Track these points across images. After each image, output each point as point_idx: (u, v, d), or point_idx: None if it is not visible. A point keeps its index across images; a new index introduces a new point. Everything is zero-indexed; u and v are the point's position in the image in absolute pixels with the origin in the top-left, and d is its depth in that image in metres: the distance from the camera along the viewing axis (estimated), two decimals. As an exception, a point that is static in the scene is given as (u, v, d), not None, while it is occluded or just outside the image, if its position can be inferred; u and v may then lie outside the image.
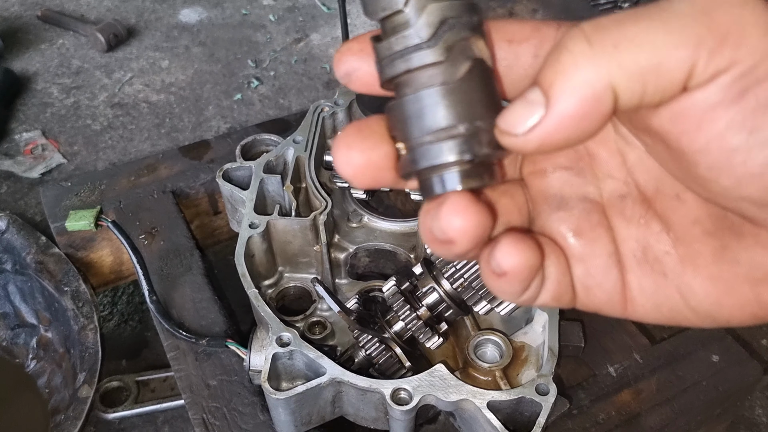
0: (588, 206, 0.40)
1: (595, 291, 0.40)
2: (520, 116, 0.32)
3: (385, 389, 0.75)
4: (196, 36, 1.69)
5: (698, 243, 0.37)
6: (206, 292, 0.99)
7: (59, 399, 1.02)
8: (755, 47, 0.29)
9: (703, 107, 0.31)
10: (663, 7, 0.30)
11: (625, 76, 0.30)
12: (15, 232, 1.08)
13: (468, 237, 0.34)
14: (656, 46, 0.29)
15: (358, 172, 0.36)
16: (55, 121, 1.44)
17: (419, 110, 0.35)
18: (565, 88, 0.31)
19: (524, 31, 0.37)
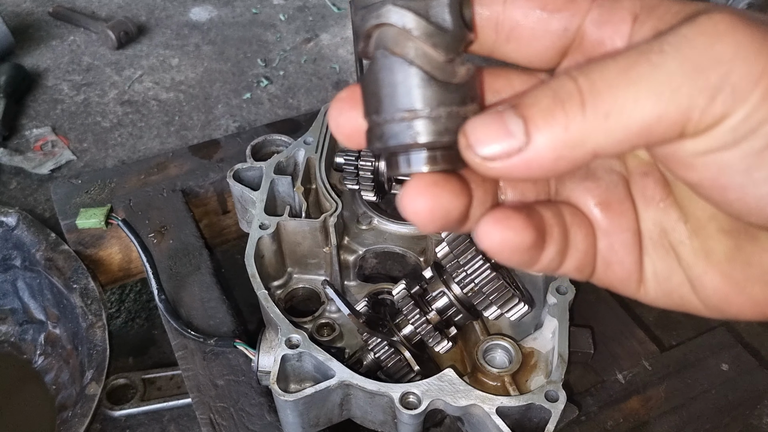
0: (615, 179, 0.39)
1: (615, 267, 0.39)
2: (492, 138, 0.32)
3: (394, 393, 0.75)
4: (206, 34, 1.70)
5: (713, 239, 0.37)
6: (215, 291, 0.99)
7: (66, 396, 1.03)
8: (745, 101, 0.29)
9: (694, 153, 0.31)
10: (655, 63, 0.30)
11: (612, 142, 0.30)
12: (25, 228, 1.08)
13: (425, 218, 0.33)
14: (647, 112, 0.29)
15: (346, 136, 0.37)
16: (65, 117, 1.44)
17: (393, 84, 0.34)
18: (548, 141, 0.30)
19: (557, 1, 0.36)
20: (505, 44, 0.37)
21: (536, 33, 0.36)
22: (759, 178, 0.30)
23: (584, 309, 0.97)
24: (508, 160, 0.31)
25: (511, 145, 0.31)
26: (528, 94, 0.32)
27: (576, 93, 0.30)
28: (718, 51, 0.29)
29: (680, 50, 0.29)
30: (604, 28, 0.35)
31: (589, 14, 0.35)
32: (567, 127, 0.30)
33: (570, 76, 0.31)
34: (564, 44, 0.36)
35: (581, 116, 0.30)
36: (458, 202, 0.34)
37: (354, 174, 0.95)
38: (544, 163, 0.31)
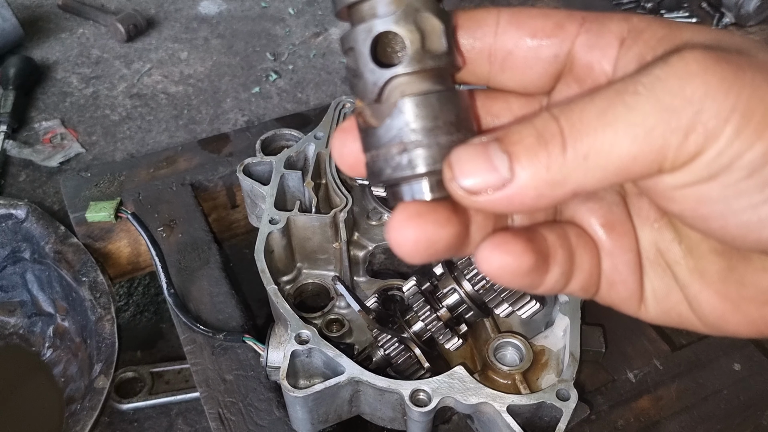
0: (616, 199, 0.40)
1: (618, 287, 0.40)
2: (475, 171, 0.32)
3: (404, 390, 0.74)
4: (215, 28, 1.69)
5: (706, 260, 0.37)
6: (223, 286, 0.99)
7: (74, 388, 1.03)
8: (717, 138, 0.30)
9: (673, 187, 0.32)
10: (630, 105, 0.31)
11: (591, 181, 0.31)
12: (34, 221, 1.08)
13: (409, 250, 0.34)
14: (623, 153, 0.30)
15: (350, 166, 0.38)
16: (74, 110, 1.44)
17: (364, 134, 0.36)
18: (530, 180, 0.31)
19: (547, 27, 0.37)
20: (500, 74, 0.38)
21: (528, 61, 0.37)
22: (738, 208, 0.31)
23: (595, 307, 0.95)
24: (490, 194, 0.32)
25: (495, 180, 0.32)
26: (513, 130, 0.33)
27: (558, 134, 0.31)
28: (689, 92, 0.30)
29: (653, 92, 0.30)
30: (593, 53, 0.36)
31: (578, 39, 0.36)
32: (549, 167, 0.31)
33: (553, 116, 0.32)
34: (556, 69, 0.37)
35: (562, 157, 0.31)
36: (444, 232, 0.34)
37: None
38: (525, 200, 0.32)
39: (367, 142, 0.36)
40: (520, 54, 0.37)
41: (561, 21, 0.37)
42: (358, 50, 0.35)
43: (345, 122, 0.38)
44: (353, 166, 0.38)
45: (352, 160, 0.37)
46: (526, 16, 0.37)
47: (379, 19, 0.34)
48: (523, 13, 0.37)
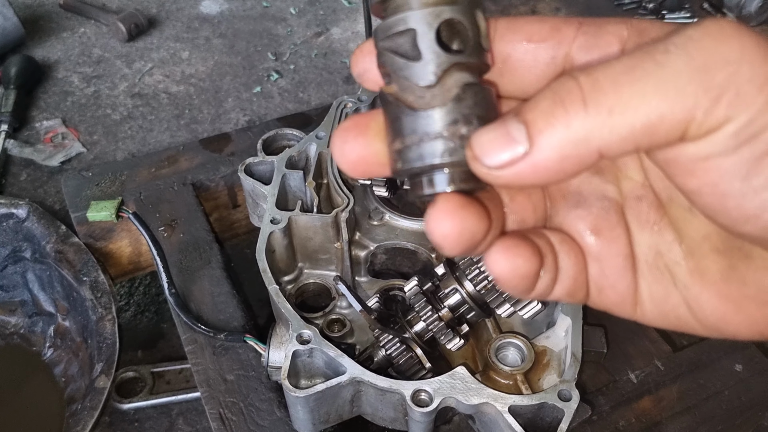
0: (607, 205, 0.40)
1: (607, 291, 0.40)
2: (496, 147, 0.32)
3: (405, 390, 0.74)
4: (217, 27, 1.69)
5: (707, 259, 0.37)
6: (225, 286, 0.99)
7: (75, 388, 1.03)
8: (750, 104, 0.29)
9: (695, 158, 0.31)
10: (660, 62, 0.30)
11: (617, 139, 0.30)
12: (35, 220, 1.08)
13: (453, 241, 0.34)
14: (651, 110, 0.29)
15: (351, 165, 0.37)
16: (75, 109, 1.44)
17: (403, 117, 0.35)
18: (551, 142, 0.31)
19: (543, 31, 0.37)
20: (498, 78, 0.38)
21: (526, 64, 0.37)
22: (758, 185, 0.30)
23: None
24: (514, 166, 0.31)
25: (516, 151, 0.31)
26: (531, 100, 0.32)
27: (577, 90, 0.30)
28: (725, 52, 0.29)
29: (686, 50, 0.29)
30: (592, 53, 0.36)
31: (576, 41, 0.36)
32: (569, 124, 0.30)
33: (571, 76, 0.31)
34: (555, 72, 0.37)
35: (584, 112, 0.30)
36: (483, 224, 0.35)
37: (366, 169, 0.94)
38: (551, 165, 0.31)
39: (407, 127, 0.35)
40: (517, 57, 0.37)
41: (557, 24, 0.37)
42: (420, 32, 0.34)
43: (345, 121, 0.38)
44: (355, 164, 0.37)
45: (354, 158, 0.37)
46: (522, 22, 0.37)
47: (447, 6, 0.34)
48: (519, 20, 0.37)
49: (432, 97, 0.35)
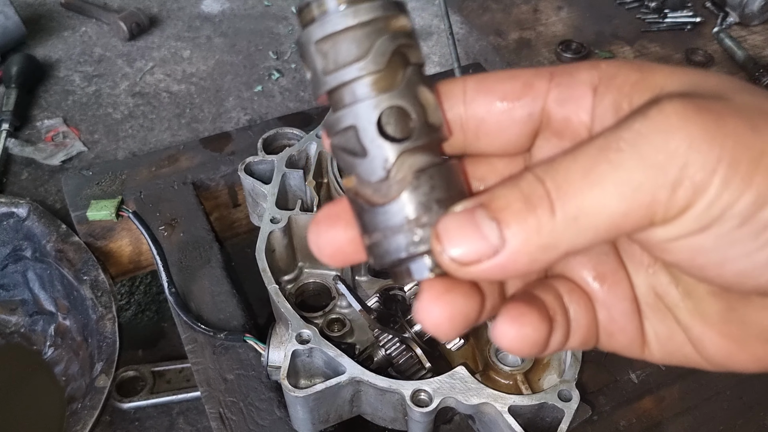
0: (605, 248, 0.39)
1: (617, 336, 0.39)
2: (465, 242, 0.32)
3: (405, 390, 0.74)
4: (218, 26, 1.69)
5: (705, 302, 0.37)
6: (225, 285, 0.99)
7: (76, 387, 1.03)
8: (705, 190, 0.30)
9: (665, 239, 0.32)
10: (614, 162, 0.30)
11: (583, 241, 0.31)
12: (36, 219, 1.08)
13: (447, 328, 0.34)
14: (613, 211, 0.30)
15: (329, 257, 0.37)
16: (76, 108, 1.44)
17: (365, 214, 0.35)
18: (522, 246, 0.31)
19: (516, 89, 0.36)
20: (475, 141, 0.38)
21: (502, 125, 0.37)
22: (733, 256, 0.31)
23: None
24: (482, 264, 0.31)
25: (486, 248, 0.31)
26: (498, 194, 0.32)
27: (545, 197, 0.31)
28: (672, 146, 0.30)
29: (636, 147, 0.30)
30: (567, 106, 0.36)
31: (550, 95, 0.36)
32: (539, 230, 0.31)
33: (538, 178, 0.32)
34: (532, 128, 0.37)
35: (552, 220, 0.31)
36: (474, 302, 0.34)
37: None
38: (519, 266, 0.31)
39: (370, 223, 0.35)
40: (492, 120, 0.37)
41: (529, 80, 0.36)
42: (362, 127, 0.34)
43: (317, 214, 0.38)
44: (332, 256, 0.37)
45: (330, 250, 0.37)
46: (492, 80, 0.37)
47: (383, 94, 0.33)
48: (489, 78, 0.37)
49: (387, 189, 0.34)
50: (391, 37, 0.34)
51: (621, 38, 1.63)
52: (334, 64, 0.33)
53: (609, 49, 1.60)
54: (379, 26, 0.33)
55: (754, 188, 0.30)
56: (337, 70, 0.33)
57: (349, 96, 0.34)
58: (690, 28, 1.64)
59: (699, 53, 1.58)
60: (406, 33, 0.34)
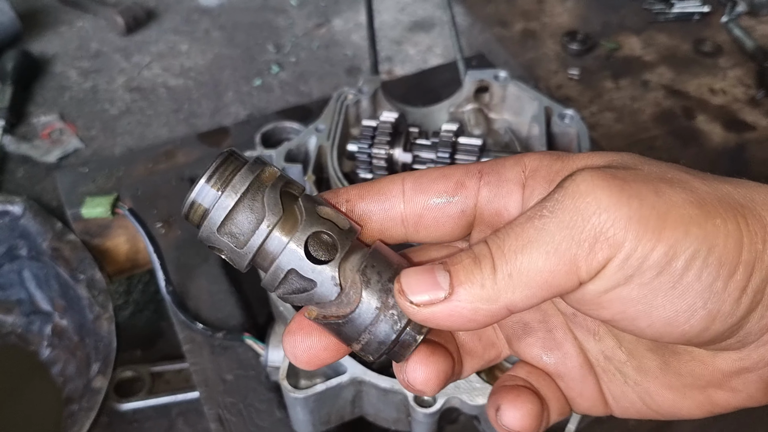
0: (550, 326, 0.44)
1: (578, 400, 0.44)
2: (422, 287, 0.37)
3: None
4: (216, 20, 1.66)
5: (645, 358, 0.42)
6: (223, 284, 0.97)
7: (73, 388, 1.01)
8: (620, 243, 0.34)
9: (598, 294, 0.36)
10: (538, 227, 0.35)
11: (520, 297, 0.35)
12: (31, 217, 1.06)
13: (431, 385, 0.40)
14: (540, 269, 0.35)
15: (306, 363, 0.42)
16: (72, 104, 1.42)
17: (341, 328, 0.39)
18: (467, 295, 0.36)
19: (449, 189, 0.41)
20: (415, 234, 0.42)
21: (439, 220, 0.41)
22: (658, 305, 0.35)
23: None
24: (433, 307, 0.36)
25: (438, 294, 0.36)
26: (456, 256, 0.37)
27: (489, 256, 0.36)
28: (584, 209, 0.34)
29: (555, 213, 0.35)
30: (497, 202, 0.41)
31: (480, 193, 0.41)
32: (483, 284, 0.36)
33: (485, 242, 0.37)
34: (466, 222, 0.42)
35: (493, 276, 0.36)
36: (450, 363, 0.41)
37: (367, 162, 0.92)
38: (465, 313, 0.36)
39: (352, 332, 0.39)
40: (429, 216, 0.41)
41: (461, 179, 0.41)
42: (299, 267, 0.38)
43: (289, 325, 0.42)
44: (309, 362, 0.41)
45: (308, 357, 0.41)
46: (427, 180, 0.41)
47: (296, 232, 0.38)
48: (424, 178, 0.41)
49: (348, 298, 0.38)
50: (272, 187, 0.38)
51: (628, 28, 1.60)
52: (243, 236, 0.37)
53: (615, 39, 1.57)
54: (257, 185, 0.37)
55: (664, 241, 0.33)
56: (248, 240, 0.37)
57: (271, 252, 0.38)
58: (698, 17, 1.61)
59: (707, 43, 1.55)
60: (279, 176, 0.39)
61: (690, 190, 0.35)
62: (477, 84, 1.04)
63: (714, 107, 1.43)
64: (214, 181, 0.37)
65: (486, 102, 1.06)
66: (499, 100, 1.05)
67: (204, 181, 0.37)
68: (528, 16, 1.65)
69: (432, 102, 1.08)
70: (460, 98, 1.05)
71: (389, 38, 1.62)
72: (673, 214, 0.34)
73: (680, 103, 1.44)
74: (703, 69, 1.51)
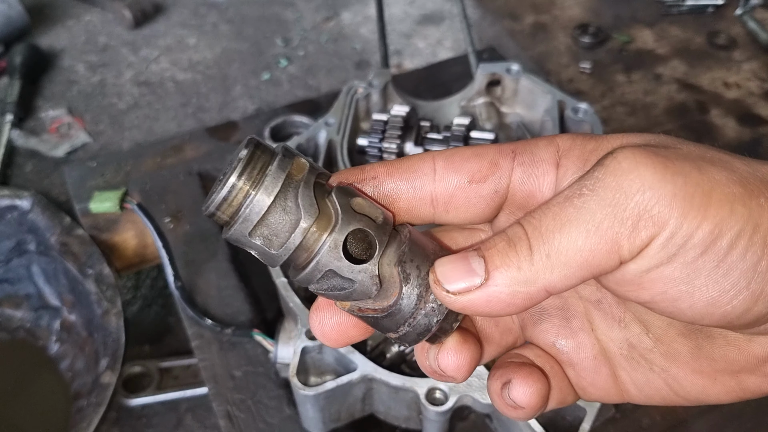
0: (568, 314, 0.44)
1: (589, 389, 0.44)
2: (457, 275, 0.36)
3: (419, 388, 0.71)
4: (224, 13, 1.65)
5: (676, 343, 0.41)
6: (232, 279, 0.96)
7: (81, 383, 1.00)
8: (665, 221, 0.33)
9: (639, 273, 0.35)
10: (578, 206, 0.34)
11: (558, 277, 0.35)
12: (39, 212, 1.05)
13: (463, 372, 0.40)
14: (580, 249, 0.34)
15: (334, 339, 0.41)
16: (80, 99, 1.41)
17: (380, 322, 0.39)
18: (504, 279, 0.35)
19: (483, 170, 0.40)
20: (444, 215, 0.41)
21: (470, 200, 0.40)
22: (701, 285, 0.34)
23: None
24: (470, 294, 0.36)
25: (473, 281, 0.36)
26: (489, 240, 0.37)
27: (524, 238, 0.35)
28: (627, 186, 0.33)
29: (596, 191, 0.34)
30: (530, 182, 0.40)
31: (514, 173, 0.40)
32: (519, 267, 0.35)
33: (519, 224, 0.36)
34: (498, 203, 0.41)
35: (529, 257, 0.35)
36: (479, 350, 0.41)
37: (378, 157, 0.91)
38: (503, 298, 0.35)
39: (390, 324, 0.38)
40: (461, 195, 0.40)
41: (494, 159, 0.40)
42: (337, 267, 0.36)
43: (315, 303, 0.41)
44: (338, 339, 0.41)
45: (336, 334, 0.40)
46: (460, 158, 0.40)
47: (332, 233, 0.36)
48: (456, 156, 0.40)
49: (386, 293, 0.37)
50: (305, 184, 0.36)
51: (640, 21, 1.58)
52: (277, 238, 0.36)
53: (628, 32, 1.55)
54: (288, 182, 0.35)
55: (710, 219, 0.33)
56: (284, 243, 0.36)
57: (307, 252, 0.36)
58: (712, 10, 1.58)
59: (721, 36, 1.52)
60: (309, 169, 0.36)
61: (731, 170, 0.34)
62: (489, 77, 1.03)
63: (728, 101, 1.41)
64: (245, 180, 0.35)
65: (498, 95, 1.05)
66: (511, 94, 1.04)
67: (234, 179, 0.35)
68: (539, 9, 1.63)
69: (442, 96, 1.06)
70: (471, 92, 1.04)
71: (398, 31, 1.60)
72: (718, 193, 0.33)
73: (694, 97, 1.42)
74: (716, 62, 1.49)
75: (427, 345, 0.41)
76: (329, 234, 0.36)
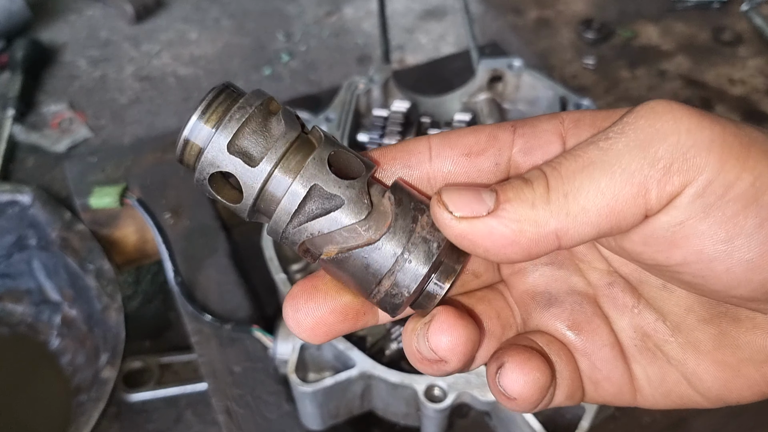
0: (578, 298, 0.40)
1: (603, 384, 0.39)
2: (464, 201, 0.33)
3: (418, 385, 0.71)
4: (226, 7, 1.65)
5: (696, 330, 0.37)
6: (231, 274, 0.96)
7: (82, 378, 1.00)
8: (702, 166, 0.30)
9: (671, 227, 0.31)
10: (603, 148, 0.31)
11: (574, 223, 0.31)
12: (40, 207, 1.05)
13: (458, 354, 0.35)
14: (602, 191, 0.31)
15: (309, 331, 0.36)
16: (82, 93, 1.41)
17: (370, 258, 0.34)
18: (514, 214, 0.32)
19: (480, 143, 0.37)
20: None
21: (470, 176, 0.37)
22: (741, 245, 0.30)
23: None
24: (473, 222, 0.32)
25: (480, 209, 0.32)
26: (505, 182, 0.34)
27: (542, 177, 0.32)
28: (661, 127, 0.30)
29: (624, 133, 0.31)
30: (534, 154, 0.37)
31: (515, 146, 0.37)
32: (533, 203, 0.32)
33: (537, 167, 0.33)
34: (500, 177, 0.38)
35: (546, 194, 0.32)
36: (477, 330, 0.36)
37: (377, 153, 0.90)
38: (507, 233, 0.32)
39: (374, 266, 0.34)
40: (459, 171, 0.37)
41: (493, 132, 0.37)
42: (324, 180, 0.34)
43: (292, 289, 0.37)
44: (313, 330, 0.36)
45: (311, 323, 0.36)
46: (455, 135, 0.38)
47: (317, 149, 0.34)
48: (452, 134, 0.38)
49: (377, 218, 0.34)
50: (284, 110, 0.34)
51: (645, 16, 1.57)
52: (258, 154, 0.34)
53: (632, 27, 1.54)
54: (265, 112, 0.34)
55: (750, 171, 0.30)
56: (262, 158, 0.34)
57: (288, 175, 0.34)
58: (717, 5, 1.57)
59: (727, 32, 1.51)
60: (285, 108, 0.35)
61: (763, 133, 0.32)
62: (491, 73, 1.02)
63: (733, 98, 1.40)
64: (209, 115, 0.33)
65: (499, 91, 1.04)
66: (513, 90, 1.03)
67: (197, 117, 0.33)
68: (542, 4, 1.62)
69: (444, 91, 1.06)
70: (473, 87, 1.03)
71: (400, 26, 1.59)
72: (757, 147, 0.30)
73: (698, 93, 1.41)
74: (722, 58, 1.48)
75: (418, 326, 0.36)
76: (313, 151, 0.34)
